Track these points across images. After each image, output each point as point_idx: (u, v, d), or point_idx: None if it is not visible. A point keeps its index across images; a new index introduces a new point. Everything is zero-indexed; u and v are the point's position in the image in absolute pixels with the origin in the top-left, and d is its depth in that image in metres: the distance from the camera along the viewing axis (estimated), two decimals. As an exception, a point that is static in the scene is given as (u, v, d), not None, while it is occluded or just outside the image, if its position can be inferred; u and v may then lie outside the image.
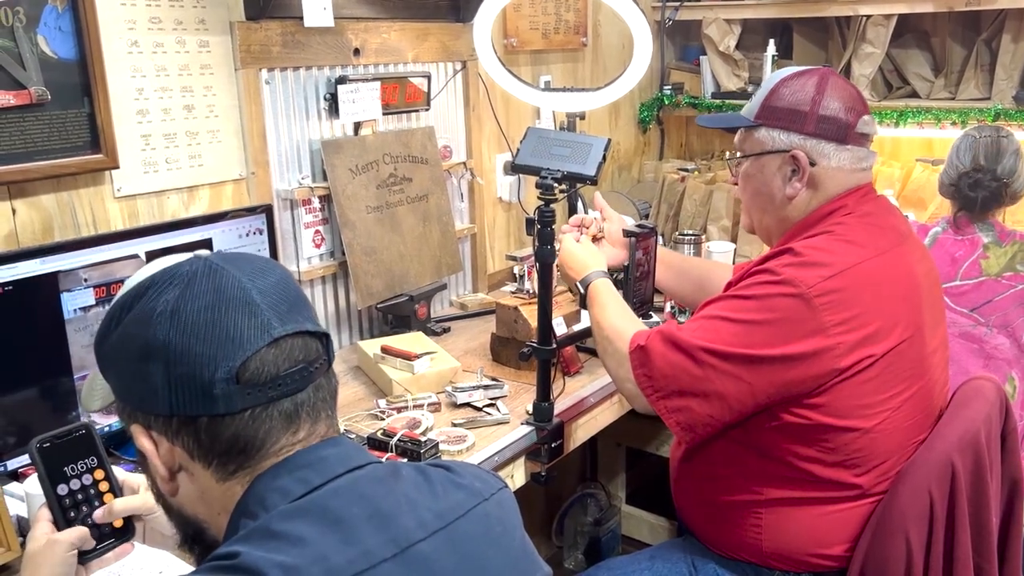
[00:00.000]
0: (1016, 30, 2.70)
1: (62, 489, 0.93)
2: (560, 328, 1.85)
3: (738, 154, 1.60)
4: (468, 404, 1.80)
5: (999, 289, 2.14)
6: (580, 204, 2.51)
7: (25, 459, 1.48)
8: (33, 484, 1.31)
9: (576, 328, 1.89)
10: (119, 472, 0.99)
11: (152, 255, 1.61)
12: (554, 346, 1.65)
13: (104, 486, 0.96)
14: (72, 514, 0.93)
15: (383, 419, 1.73)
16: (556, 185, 1.61)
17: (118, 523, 0.96)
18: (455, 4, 2.35)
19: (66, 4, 1.54)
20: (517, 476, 1.69)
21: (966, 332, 2.14)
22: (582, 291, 1.65)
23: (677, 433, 1.47)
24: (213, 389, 0.77)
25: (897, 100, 2.88)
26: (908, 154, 2.91)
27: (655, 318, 2.14)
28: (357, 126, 2.14)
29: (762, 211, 1.59)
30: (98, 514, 0.94)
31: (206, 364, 0.77)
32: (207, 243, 1.72)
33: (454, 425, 1.71)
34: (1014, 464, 1.57)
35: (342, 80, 2.05)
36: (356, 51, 2.10)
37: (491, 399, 1.81)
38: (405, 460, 1.51)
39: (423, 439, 1.55)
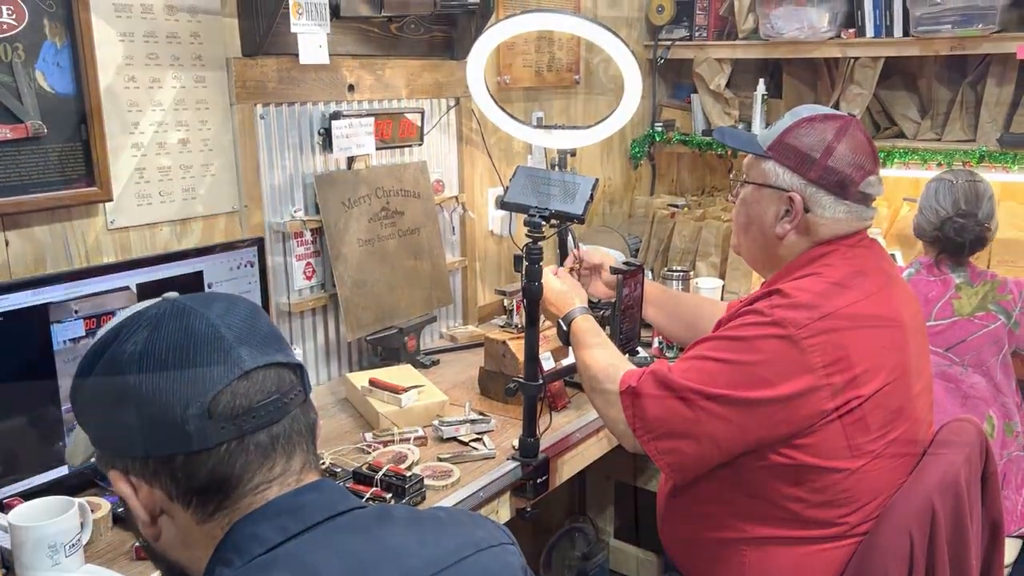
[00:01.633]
0: (1000, 74, 2.75)
1: None
2: (548, 363, 1.86)
3: (743, 177, 1.61)
4: (454, 438, 1.81)
5: (972, 329, 2.16)
6: (571, 240, 2.53)
7: (11, 489, 1.48)
8: (17, 515, 1.31)
9: (564, 363, 1.90)
10: None
11: (143, 287, 1.63)
12: (540, 382, 1.67)
13: None
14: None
15: (369, 453, 1.73)
16: (544, 223, 1.64)
17: None
18: (449, 42, 2.39)
19: (65, 41, 1.57)
20: (502, 512, 1.69)
21: (942, 372, 2.15)
22: (564, 328, 1.65)
23: (668, 474, 1.48)
24: (186, 425, 0.77)
25: (884, 140, 2.92)
26: (895, 193, 2.95)
27: (642, 353, 2.15)
28: (350, 160, 2.16)
29: (751, 240, 1.61)
30: None
31: (178, 402, 0.77)
32: (198, 276, 1.73)
33: (440, 460, 1.72)
34: (994, 508, 1.58)
35: (336, 116, 2.07)
36: (351, 87, 2.13)
37: (477, 434, 1.82)
38: (390, 497, 1.51)
39: (408, 474, 1.56)
